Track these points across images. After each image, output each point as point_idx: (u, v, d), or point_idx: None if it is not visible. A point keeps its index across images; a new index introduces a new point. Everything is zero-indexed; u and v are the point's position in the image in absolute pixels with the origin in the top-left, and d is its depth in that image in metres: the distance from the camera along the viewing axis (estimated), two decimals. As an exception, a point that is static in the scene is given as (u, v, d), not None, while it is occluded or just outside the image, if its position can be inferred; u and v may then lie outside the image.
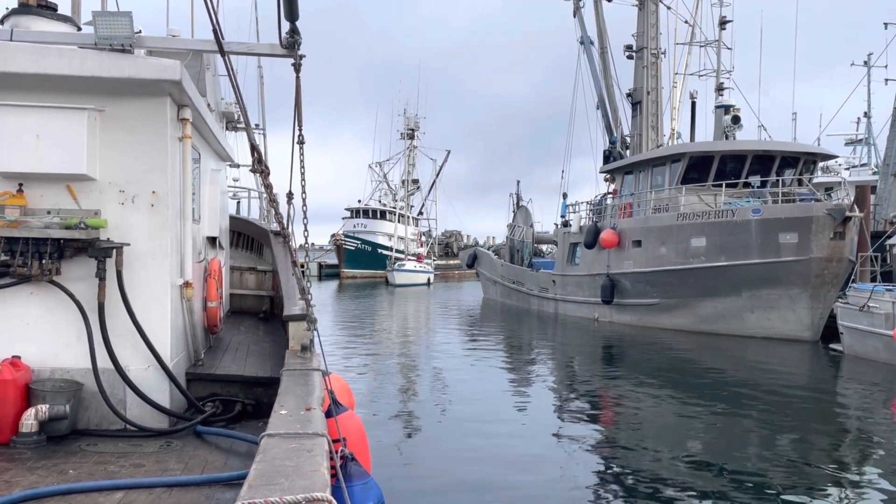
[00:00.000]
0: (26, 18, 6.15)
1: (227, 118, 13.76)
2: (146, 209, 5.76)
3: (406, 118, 76.03)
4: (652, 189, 27.42)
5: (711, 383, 15.82)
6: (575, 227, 31.90)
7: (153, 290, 5.79)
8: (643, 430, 11.75)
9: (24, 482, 4.31)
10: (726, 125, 27.91)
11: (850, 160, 44.53)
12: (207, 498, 4.12)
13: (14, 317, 5.58)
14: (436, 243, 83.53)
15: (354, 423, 4.92)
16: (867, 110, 46.02)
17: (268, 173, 5.71)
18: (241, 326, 9.70)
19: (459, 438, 10.96)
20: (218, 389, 6.40)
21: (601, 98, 34.47)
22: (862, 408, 13.75)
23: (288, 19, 5.33)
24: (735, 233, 22.83)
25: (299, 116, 5.82)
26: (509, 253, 41.66)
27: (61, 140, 5.43)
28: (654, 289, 25.74)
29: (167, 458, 4.97)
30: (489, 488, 8.66)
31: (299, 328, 6.12)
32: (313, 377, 5.05)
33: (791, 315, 22.43)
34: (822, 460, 9.97)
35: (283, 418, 3.98)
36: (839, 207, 21.59)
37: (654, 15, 31.64)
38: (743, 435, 11.38)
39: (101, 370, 5.50)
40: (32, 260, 5.39)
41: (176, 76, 5.53)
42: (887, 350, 17.23)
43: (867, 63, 41.98)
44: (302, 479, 2.99)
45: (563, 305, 31.91)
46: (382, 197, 74.94)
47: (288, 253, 7.86)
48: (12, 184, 5.55)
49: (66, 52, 5.43)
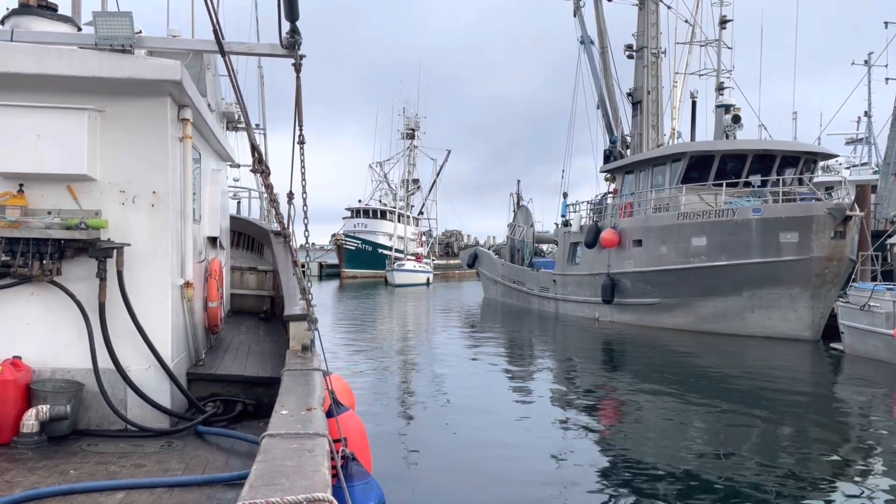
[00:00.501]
0: (27, 19, 6.15)
1: (227, 118, 13.75)
2: (147, 209, 5.75)
3: (406, 118, 76.12)
4: (652, 188, 27.41)
5: (712, 383, 15.81)
6: (575, 226, 31.89)
7: (154, 291, 5.79)
8: (644, 430, 11.74)
9: (25, 482, 4.31)
10: (727, 124, 27.90)
11: (850, 159, 44.47)
12: (208, 498, 4.12)
13: (15, 317, 5.58)
14: (436, 243, 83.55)
15: (355, 422, 4.92)
16: (868, 109, 46.03)
17: (268, 173, 5.72)
18: (242, 326, 9.70)
19: (460, 438, 10.96)
20: (219, 389, 6.40)
21: (601, 97, 34.47)
22: (862, 407, 13.75)
23: (288, 19, 5.33)
24: (735, 232, 22.83)
25: (300, 116, 5.82)
26: (510, 252, 41.67)
27: (62, 140, 5.43)
28: (654, 288, 25.73)
29: (168, 458, 4.97)
30: (490, 487, 8.66)
31: (300, 328, 6.12)
32: (314, 377, 5.05)
33: (792, 314, 22.43)
34: (822, 459, 9.97)
35: (283, 418, 3.98)
36: (840, 207, 21.58)
37: (654, 14, 31.63)
38: (743, 434, 11.38)
39: (102, 370, 5.50)
40: (33, 260, 5.39)
41: (176, 76, 5.52)
42: (888, 349, 17.22)
43: (867, 62, 41.96)
44: (303, 479, 2.98)
45: (564, 305, 31.91)
46: (383, 197, 74.95)
47: (288, 253, 7.86)
48: (13, 184, 5.55)
49: (66, 52, 5.43)
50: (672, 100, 34.27)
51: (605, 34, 34.35)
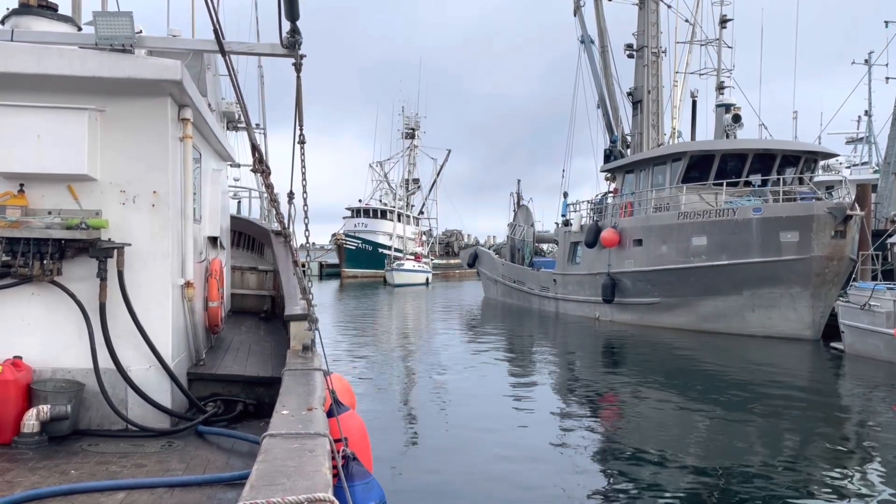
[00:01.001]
0: (27, 19, 6.14)
1: (227, 118, 13.76)
2: (147, 209, 5.75)
3: (406, 117, 76.10)
4: (653, 188, 27.40)
5: (712, 382, 15.82)
6: (576, 226, 31.89)
7: (154, 290, 5.79)
8: (644, 429, 11.74)
9: (26, 482, 4.31)
10: (727, 124, 27.90)
11: (850, 159, 44.49)
12: (209, 498, 4.12)
13: (15, 317, 5.57)
14: (436, 243, 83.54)
15: (356, 422, 4.92)
16: (868, 109, 46.02)
17: (268, 173, 5.72)
18: (243, 326, 9.70)
19: (461, 437, 10.96)
20: (219, 389, 6.40)
21: (602, 97, 34.47)
22: (863, 406, 13.75)
23: (288, 19, 5.33)
24: (736, 232, 22.82)
25: (300, 116, 5.82)
26: (510, 252, 41.67)
27: (62, 140, 5.42)
28: (654, 288, 25.73)
29: (169, 458, 4.97)
30: (491, 487, 8.66)
31: (301, 328, 6.12)
32: (315, 377, 5.05)
33: (792, 314, 22.42)
34: (822, 458, 9.96)
35: (284, 418, 3.98)
36: (840, 206, 21.57)
37: (654, 14, 31.62)
38: (743, 433, 11.38)
39: (103, 370, 5.50)
40: (34, 260, 5.39)
41: (177, 76, 5.52)
42: (888, 348, 17.22)
43: (868, 61, 41.95)
44: (304, 479, 2.98)
45: (564, 304, 31.91)
46: (383, 196, 74.92)
47: (289, 252, 7.86)
48: (13, 184, 5.55)
49: (66, 52, 5.42)
50: (672, 99, 34.28)
51: (605, 33, 34.34)
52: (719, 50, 30.27)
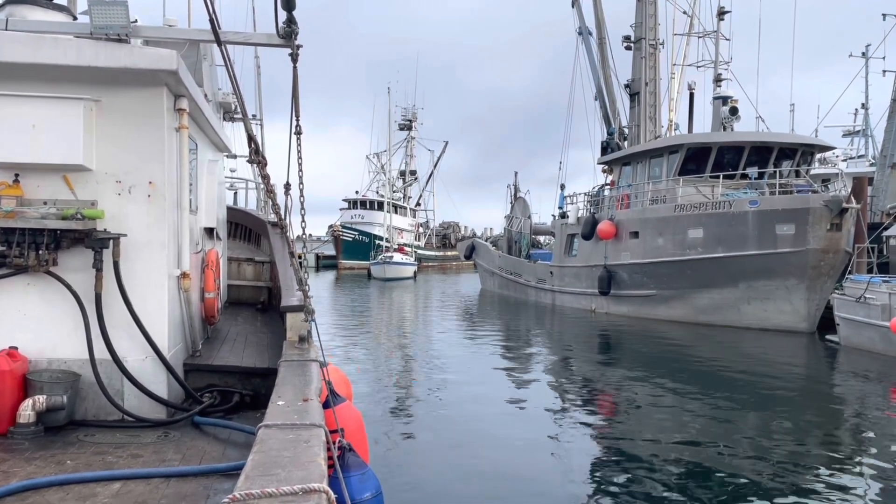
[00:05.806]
0: (22, 8, 6.11)
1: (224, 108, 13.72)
2: (143, 200, 5.74)
3: (403, 109, 76.01)
4: (649, 180, 27.41)
5: (708, 374, 15.87)
6: (572, 218, 31.90)
7: (150, 281, 5.78)
8: (639, 421, 11.78)
9: (22, 473, 4.32)
10: (724, 116, 27.87)
11: (847, 151, 44.50)
12: (205, 488, 4.13)
13: (11, 308, 5.57)
14: (433, 234, 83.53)
15: (352, 413, 4.92)
16: (865, 101, 46.04)
17: (265, 164, 5.69)
18: (239, 317, 9.71)
19: (457, 429, 10.99)
20: (216, 380, 6.40)
21: (599, 89, 34.43)
22: (858, 398, 13.81)
23: (285, 9, 5.30)
24: (732, 224, 22.85)
25: (296, 107, 5.79)
26: (507, 244, 41.69)
27: (58, 130, 5.41)
28: (651, 280, 25.77)
29: (165, 448, 4.98)
30: (487, 479, 8.69)
31: (297, 319, 6.11)
32: (311, 368, 5.06)
33: (788, 306, 22.48)
34: (817, 450, 10.01)
35: (280, 409, 3.98)
36: (836, 199, 21.60)
37: (652, 5, 31.53)
38: (739, 426, 11.43)
39: (99, 361, 5.50)
40: (29, 251, 5.38)
41: (172, 66, 5.50)
42: (884, 341, 17.28)
43: (865, 54, 41.83)
44: (299, 469, 2.99)
45: (561, 297, 31.96)
46: (380, 188, 74.86)
47: (285, 244, 7.85)
48: (9, 174, 5.53)
49: (62, 41, 5.40)
50: (670, 91, 34.20)
51: (603, 25, 34.27)
52: (717, 42, 30.20)
